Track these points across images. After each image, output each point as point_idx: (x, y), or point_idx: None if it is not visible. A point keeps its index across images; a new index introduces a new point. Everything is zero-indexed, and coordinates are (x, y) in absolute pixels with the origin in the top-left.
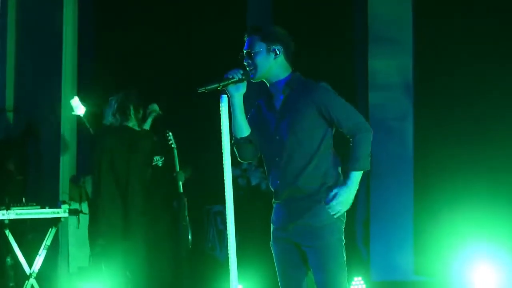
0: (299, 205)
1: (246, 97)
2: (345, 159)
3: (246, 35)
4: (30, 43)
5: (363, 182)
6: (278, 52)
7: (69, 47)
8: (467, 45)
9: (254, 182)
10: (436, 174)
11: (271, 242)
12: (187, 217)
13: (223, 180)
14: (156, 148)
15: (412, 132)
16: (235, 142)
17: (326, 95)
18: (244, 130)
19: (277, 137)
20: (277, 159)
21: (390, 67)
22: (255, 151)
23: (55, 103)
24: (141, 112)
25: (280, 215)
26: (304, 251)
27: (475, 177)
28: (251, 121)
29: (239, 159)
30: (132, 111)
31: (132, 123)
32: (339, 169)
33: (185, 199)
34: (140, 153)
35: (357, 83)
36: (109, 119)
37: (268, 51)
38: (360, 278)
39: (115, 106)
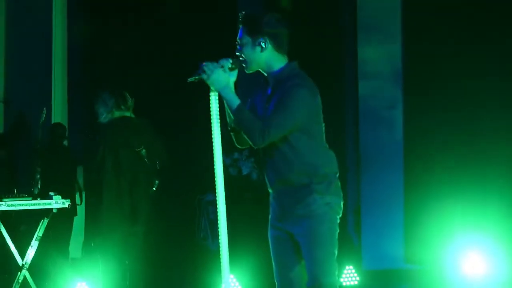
0: (290, 196)
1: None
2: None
3: (239, 23)
4: (19, 34)
5: (353, 169)
6: (263, 46)
7: (59, 39)
8: (456, 32)
9: (245, 171)
10: (426, 163)
11: (268, 230)
12: None
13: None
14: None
15: (402, 120)
16: (231, 129)
17: (286, 88)
18: None
19: None
20: (266, 149)
21: (379, 55)
22: None
23: (46, 94)
24: (133, 100)
25: (274, 206)
26: (297, 241)
27: (465, 166)
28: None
29: (236, 145)
30: (129, 100)
31: (130, 113)
32: (332, 162)
33: None
34: (148, 143)
35: (347, 72)
36: (108, 115)
37: (254, 44)
38: (351, 267)
39: (115, 98)
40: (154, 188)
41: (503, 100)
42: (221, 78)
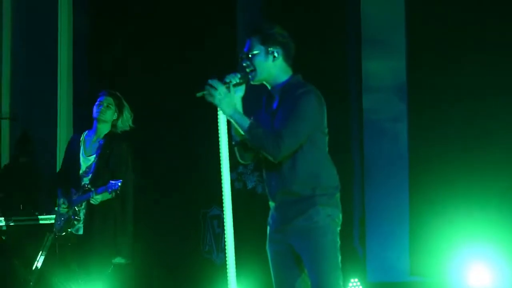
0: (292, 207)
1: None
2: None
3: (247, 36)
4: (25, 49)
5: (358, 182)
6: (276, 55)
7: (64, 53)
8: (460, 46)
9: (250, 185)
10: (431, 175)
11: (266, 244)
12: None
13: (220, 183)
14: None
15: (406, 133)
16: (235, 144)
17: (296, 96)
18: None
19: None
20: (270, 160)
21: (383, 68)
22: (254, 154)
23: (51, 110)
24: None
25: (275, 218)
26: (298, 253)
27: (470, 178)
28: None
29: (240, 161)
30: None
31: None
32: (334, 175)
33: None
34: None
35: (351, 85)
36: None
37: (267, 53)
38: (356, 279)
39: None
40: None
41: (510, 113)
42: (228, 104)
